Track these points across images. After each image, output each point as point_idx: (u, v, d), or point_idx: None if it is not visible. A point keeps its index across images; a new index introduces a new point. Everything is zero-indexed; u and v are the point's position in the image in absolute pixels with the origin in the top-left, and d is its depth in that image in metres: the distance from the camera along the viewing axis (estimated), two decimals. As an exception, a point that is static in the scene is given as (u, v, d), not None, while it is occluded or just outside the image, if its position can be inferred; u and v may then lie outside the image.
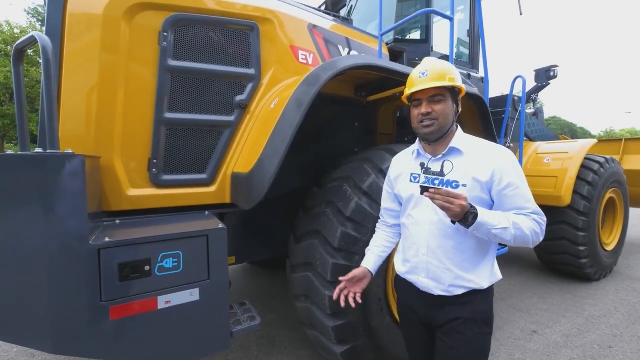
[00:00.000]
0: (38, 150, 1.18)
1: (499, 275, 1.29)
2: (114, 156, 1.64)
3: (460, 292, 1.22)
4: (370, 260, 1.48)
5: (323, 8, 3.93)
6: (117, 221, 1.59)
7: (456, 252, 1.22)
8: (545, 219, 1.18)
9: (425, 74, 1.22)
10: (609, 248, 4.30)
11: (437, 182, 1.16)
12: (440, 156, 1.26)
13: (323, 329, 1.78)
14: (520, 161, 3.34)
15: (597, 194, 3.82)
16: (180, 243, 1.38)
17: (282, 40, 2.15)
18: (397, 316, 1.96)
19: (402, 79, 2.08)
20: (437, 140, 1.26)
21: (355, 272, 1.43)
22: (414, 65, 3.14)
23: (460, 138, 1.27)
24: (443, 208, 1.06)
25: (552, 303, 3.56)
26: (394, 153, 1.97)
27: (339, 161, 2.24)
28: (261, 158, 1.57)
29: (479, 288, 1.22)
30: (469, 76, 3.35)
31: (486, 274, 1.24)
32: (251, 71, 2.01)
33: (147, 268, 1.31)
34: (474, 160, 1.21)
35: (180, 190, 1.82)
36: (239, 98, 1.97)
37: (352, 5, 3.71)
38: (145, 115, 1.72)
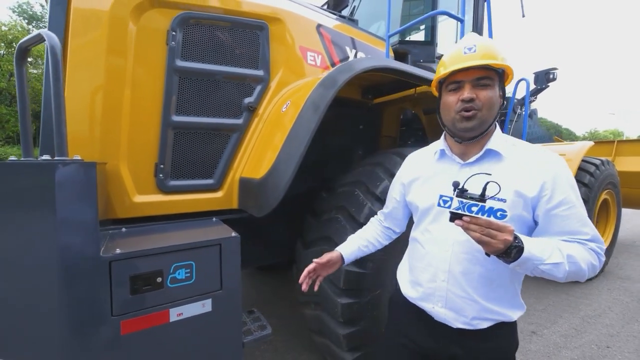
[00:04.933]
0: (46, 157, 1.11)
1: (524, 304, 1.08)
2: (119, 161, 1.56)
3: (485, 325, 1.01)
4: (349, 249, 1.31)
5: (325, 7, 3.87)
6: (124, 229, 1.53)
7: (484, 280, 0.99)
8: (604, 247, 0.95)
9: (473, 50, 0.96)
10: (602, 248, 4.40)
11: (474, 209, 0.82)
12: (472, 160, 1.02)
13: (334, 337, 1.76)
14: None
15: (593, 195, 3.90)
16: (193, 253, 1.33)
17: (291, 41, 2.09)
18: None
19: (417, 82, 2.06)
20: (473, 139, 1.01)
21: (331, 256, 1.28)
22: (418, 67, 3.13)
23: (500, 138, 1.01)
24: (480, 242, 0.82)
25: (548, 303, 3.62)
26: (405, 157, 1.95)
27: (346, 165, 2.21)
28: (276, 163, 1.53)
29: (507, 320, 1.02)
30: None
31: (516, 305, 1.04)
32: (260, 72, 1.95)
33: (159, 280, 1.26)
34: (517, 168, 0.96)
35: (186, 196, 1.76)
36: (247, 100, 1.92)
37: (354, 6, 3.67)
38: (152, 118, 1.66)
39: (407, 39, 3.60)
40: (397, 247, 1.79)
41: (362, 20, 3.57)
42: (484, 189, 0.83)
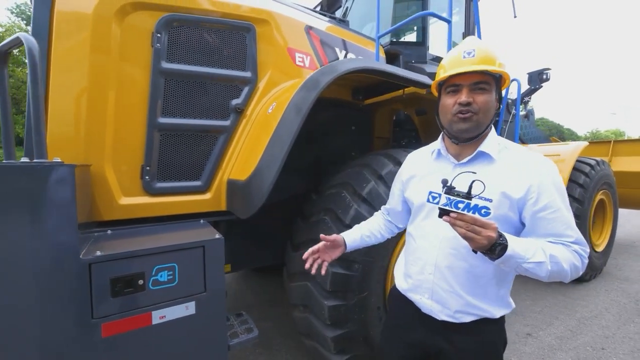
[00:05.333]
0: (24, 159, 1.11)
1: (513, 304, 1.11)
2: (104, 163, 1.56)
3: (468, 319, 1.05)
4: (351, 236, 1.31)
5: (318, 9, 3.89)
6: (109, 232, 1.53)
7: (469, 276, 1.04)
8: (588, 250, 0.97)
9: (472, 54, 0.99)
10: (599, 249, 4.38)
11: (461, 205, 0.87)
12: (465, 160, 1.07)
13: (322, 340, 1.75)
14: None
15: (588, 195, 3.88)
16: (175, 255, 1.33)
17: (279, 42, 2.10)
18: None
19: (402, 82, 2.06)
20: (468, 140, 1.05)
21: (337, 238, 1.27)
22: (410, 68, 3.13)
23: (493, 141, 1.06)
24: (465, 237, 0.86)
25: (545, 305, 3.60)
26: (393, 158, 1.95)
27: (336, 166, 2.20)
28: (259, 165, 1.53)
29: (490, 317, 1.05)
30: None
31: (501, 303, 1.07)
32: (247, 74, 1.95)
33: (140, 282, 1.25)
34: (507, 170, 1.00)
35: (174, 198, 1.76)
36: (234, 102, 1.92)
37: (347, 7, 3.67)
38: (137, 120, 1.66)
39: (403, 39, 3.61)
40: (383, 251, 1.80)
41: (356, 21, 3.58)
42: (470, 187, 0.88)
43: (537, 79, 4.01)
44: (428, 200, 1.11)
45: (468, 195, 0.87)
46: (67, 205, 1.10)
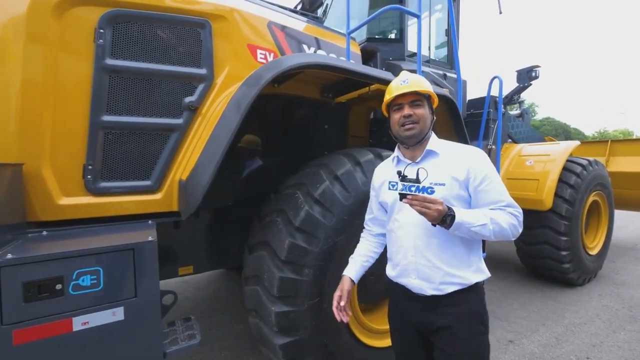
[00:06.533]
0: None
1: (487, 272, 1.32)
2: (41, 162, 1.51)
3: (451, 289, 1.24)
4: (353, 269, 1.49)
5: (299, 7, 3.82)
6: (44, 232, 1.47)
7: (442, 249, 1.26)
8: (520, 211, 1.24)
9: (406, 82, 1.32)
10: (593, 252, 4.22)
11: (413, 189, 1.17)
12: (418, 160, 1.33)
13: (271, 347, 1.67)
14: (498, 163, 3.25)
15: (579, 197, 3.74)
16: (99, 258, 1.26)
17: (237, 38, 2.03)
18: (354, 330, 1.85)
19: (361, 79, 1.98)
20: (416, 144, 1.33)
21: (346, 288, 1.44)
22: (388, 65, 3.05)
23: (436, 142, 1.36)
24: (421, 213, 1.11)
25: (533, 310, 3.47)
26: (353, 157, 1.87)
27: (303, 166, 2.13)
28: (196, 165, 1.46)
29: (468, 284, 1.25)
30: (444, 76, 3.24)
31: (474, 269, 1.27)
32: (202, 71, 1.89)
33: (58, 287, 1.19)
34: (450, 160, 1.28)
35: (120, 198, 1.69)
36: (188, 99, 1.85)
37: (327, 4, 3.60)
38: (78, 118, 1.59)
39: (382, 37, 3.52)
40: (337, 255, 1.72)
41: (337, 20, 3.51)
42: (417, 174, 1.19)
43: (526, 76, 3.89)
44: (389, 188, 1.39)
45: (417, 180, 1.17)
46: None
